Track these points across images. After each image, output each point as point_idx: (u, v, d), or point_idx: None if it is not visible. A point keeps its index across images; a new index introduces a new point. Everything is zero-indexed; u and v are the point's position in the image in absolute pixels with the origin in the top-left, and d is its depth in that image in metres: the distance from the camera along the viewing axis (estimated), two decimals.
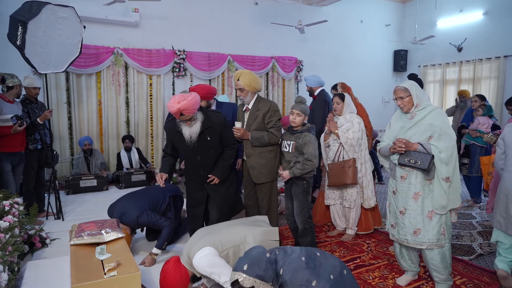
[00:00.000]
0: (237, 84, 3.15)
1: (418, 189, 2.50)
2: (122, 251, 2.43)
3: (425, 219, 2.50)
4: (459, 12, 8.45)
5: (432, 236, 2.48)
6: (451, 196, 2.46)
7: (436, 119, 2.45)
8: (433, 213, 2.48)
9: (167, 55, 6.84)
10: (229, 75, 7.52)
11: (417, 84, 2.56)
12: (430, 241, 2.49)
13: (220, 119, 2.95)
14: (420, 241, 2.52)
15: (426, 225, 2.49)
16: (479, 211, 4.61)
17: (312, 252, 2.02)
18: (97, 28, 6.12)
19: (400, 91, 2.54)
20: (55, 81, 5.94)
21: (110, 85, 6.47)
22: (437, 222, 2.48)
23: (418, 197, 2.50)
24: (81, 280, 2.02)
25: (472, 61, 8.23)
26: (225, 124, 2.98)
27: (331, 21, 7.71)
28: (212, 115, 2.94)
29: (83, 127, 6.37)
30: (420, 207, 2.50)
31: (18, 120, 3.81)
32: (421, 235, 2.51)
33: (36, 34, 3.79)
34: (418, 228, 2.51)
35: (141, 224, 3.21)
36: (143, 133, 6.84)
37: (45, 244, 3.45)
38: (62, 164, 6.12)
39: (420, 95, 2.52)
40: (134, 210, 3.12)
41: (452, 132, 2.46)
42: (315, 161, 2.98)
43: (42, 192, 4.53)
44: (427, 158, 2.38)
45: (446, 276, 2.60)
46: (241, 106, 3.37)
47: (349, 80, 8.59)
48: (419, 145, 2.44)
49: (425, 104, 2.52)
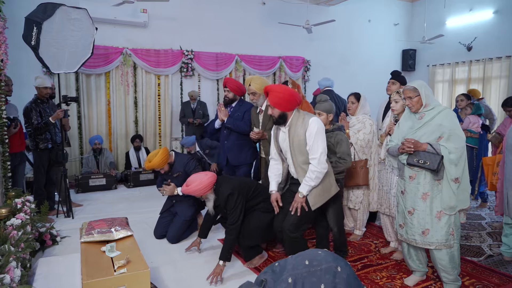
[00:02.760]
0: (249, 89, 3.34)
1: (426, 189, 2.49)
2: (132, 249, 2.46)
3: (433, 219, 2.48)
4: (469, 11, 8.36)
5: (441, 236, 2.47)
6: (460, 196, 2.45)
7: (446, 119, 2.43)
8: (442, 213, 2.46)
9: (175, 55, 6.89)
10: (237, 75, 7.54)
11: (426, 84, 2.54)
12: (438, 242, 2.48)
13: (224, 199, 2.94)
14: (429, 241, 2.50)
15: (434, 225, 2.48)
16: (488, 212, 4.57)
17: (303, 264, 1.80)
18: (106, 28, 6.18)
19: (408, 91, 2.51)
20: (65, 81, 6.02)
21: (119, 85, 6.54)
22: (446, 222, 2.46)
23: (427, 197, 2.49)
24: (91, 277, 2.05)
25: (482, 60, 8.14)
26: (226, 203, 2.95)
27: (338, 20, 7.68)
28: (220, 196, 2.96)
29: (92, 126, 6.45)
30: (428, 207, 2.48)
31: (12, 122, 3.88)
32: (430, 235, 2.49)
33: (50, 35, 3.89)
34: (426, 228, 2.49)
35: (187, 167, 3.63)
36: (151, 133, 6.90)
37: (56, 241, 3.50)
38: (72, 163, 6.20)
39: (429, 95, 2.50)
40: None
41: (462, 133, 2.45)
42: (348, 159, 3.00)
43: (53, 190, 4.60)
44: (436, 159, 2.37)
45: (454, 277, 2.58)
46: (254, 108, 3.50)
47: (357, 80, 8.64)
48: (428, 145, 2.42)
49: (434, 104, 2.50)
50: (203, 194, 2.98)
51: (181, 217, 3.64)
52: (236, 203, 2.89)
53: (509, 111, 3.78)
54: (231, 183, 2.98)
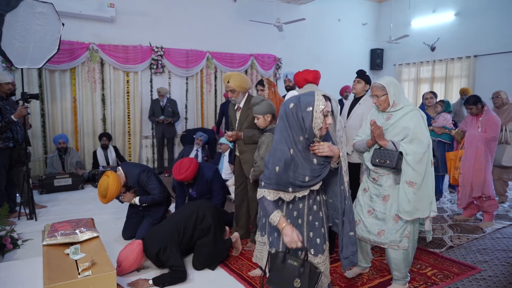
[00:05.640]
0: (228, 86, 3.24)
1: (387, 192, 2.49)
2: (98, 251, 2.39)
3: (391, 221, 2.47)
4: (432, 12, 8.71)
5: (395, 238, 2.47)
6: (418, 204, 2.36)
7: (412, 122, 2.37)
8: (399, 217, 2.45)
9: (144, 52, 6.74)
10: (208, 72, 7.48)
11: (395, 81, 2.46)
12: (392, 242, 2.48)
13: (154, 259, 2.92)
14: (382, 241, 2.50)
15: (390, 227, 2.47)
16: (450, 205, 4.79)
17: None
18: (71, 23, 5.94)
19: (376, 89, 2.44)
20: (28, 77, 5.75)
21: (85, 81, 6.32)
22: (402, 226, 2.45)
23: (387, 200, 2.48)
24: (53, 281, 1.98)
25: (444, 60, 8.51)
26: (159, 260, 2.92)
27: (309, 19, 7.79)
28: (151, 257, 2.92)
29: (57, 124, 6.20)
30: (387, 210, 2.48)
31: None
32: (384, 236, 2.49)
33: (14, 28, 3.75)
34: (382, 229, 2.49)
35: (140, 182, 3.46)
36: (120, 131, 6.72)
37: (17, 245, 3.36)
38: (36, 162, 5.94)
39: (398, 93, 2.42)
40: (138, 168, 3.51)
41: (425, 138, 2.36)
42: (260, 163, 2.78)
43: (14, 191, 4.39)
44: (394, 155, 2.35)
45: (405, 274, 2.61)
46: (232, 105, 3.45)
47: (327, 78, 8.74)
48: (389, 142, 2.40)
49: (403, 103, 2.42)
50: (139, 265, 2.90)
51: (149, 220, 3.57)
52: (169, 255, 2.81)
53: (470, 109, 3.97)
54: (154, 240, 2.88)
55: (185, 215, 3.09)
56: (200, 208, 3.13)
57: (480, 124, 3.92)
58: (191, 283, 2.81)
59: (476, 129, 3.92)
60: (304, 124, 1.76)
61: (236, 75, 3.26)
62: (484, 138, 3.84)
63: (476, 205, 4.08)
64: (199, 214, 3.09)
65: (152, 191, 3.48)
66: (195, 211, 3.10)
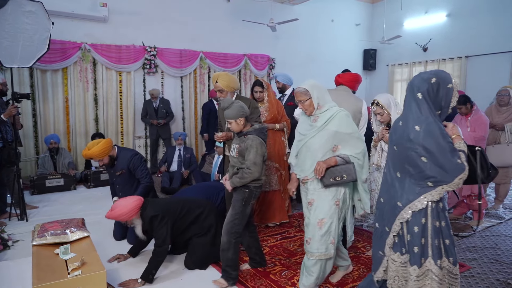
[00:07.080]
0: (216, 86, 3.23)
1: (312, 196, 2.41)
2: (88, 250, 2.39)
3: (315, 227, 2.36)
4: (424, 13, 8.78)
5: (321, 245, 2.35)
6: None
7: (341, 125, 2.34)
8: (322, 221, 2.35)
9: (137, 52, 6.72)
10: (201, 72, 7.48)
11: (318, 84, 2.40)
12: (319, 251, 2.35)
13: (148, 222, 2.86)
14: (311, 250, 2.38)
15: (316, 234, 2.36)
16: None
17: None
18: (63, 22, 5.91)
19: (300, 94, 2.36)
20: (18, 77, 5.70)
21: (77, 81, 6.29)
22: (327, 231, 2.35)
23: (312, 204, 2.41)
24: (42, 280, 1.98)
25: (436, 60, 8.58)
26: (150, 226, 2.87)
27: (302, 19, 7.82)
28: (145, 219, 2.86)
29: (48, 124, 6.16)
30: (312, 215, 2.39)
31: None
32: (310, 245, 2.38)
33: (2, 26, 3.75)
34: (309, 237, 2.40)
35: (132, 164, 3.45)
36: (112, 131, 6.69)
37: (7, 246, 3.34)
38: (27, 163, 5.90)
39: (321, 96, 2.38)
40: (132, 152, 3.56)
41: (359, 134, 2.43)
42: (254, 169, 2.54)
43: (4, 192, 4.36)
44: (350, 168, 2.30)
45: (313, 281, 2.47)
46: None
47: (321, 78, 8.78)
48: (336, 158, 2.32)
49: (328, 105, 2.39)
50: (129, 220, 2.81)
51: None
52: (160, 225, 2.78)
53: (460, 108, 4.02)
54: (155, 205, 2.89)
55: (193, 203, 3.12)
56: (208, 207, 3.18)
57: (469, 123, 3.97)
58: (182, 281, 2.81)
59: (465, 128, 3.96)
60: (444, 101, 1.77)
61: (224, 75, 3.26)
62: (473, 137, 3.88)
63: (466, 203, 4.12)
64: (205, 210, 3.11)
65: (141, 177, 3.47)
66: (203, 206, 3.15)
